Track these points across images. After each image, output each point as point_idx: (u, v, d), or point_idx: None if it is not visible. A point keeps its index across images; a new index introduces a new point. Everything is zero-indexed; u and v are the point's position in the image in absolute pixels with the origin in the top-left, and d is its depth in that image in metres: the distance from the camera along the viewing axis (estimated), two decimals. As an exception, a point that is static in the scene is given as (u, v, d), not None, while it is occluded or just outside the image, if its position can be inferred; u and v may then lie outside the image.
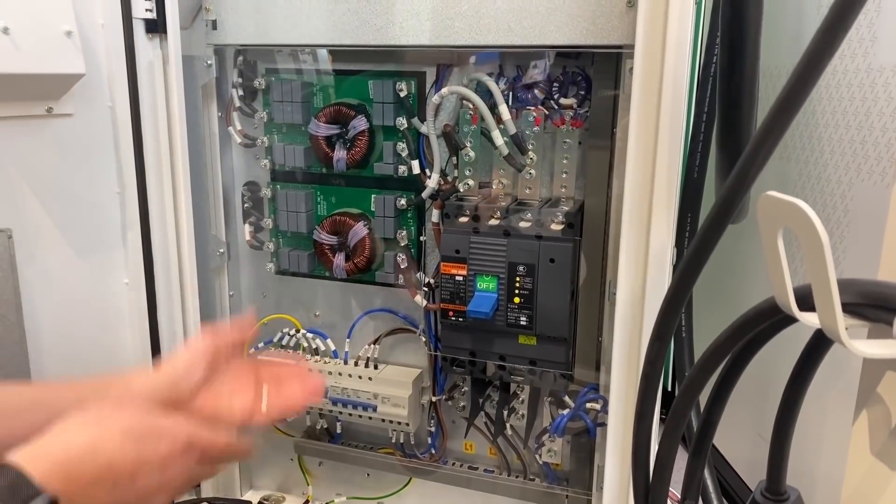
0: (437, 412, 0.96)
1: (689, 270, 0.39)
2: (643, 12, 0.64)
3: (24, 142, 0.76)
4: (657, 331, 0.43)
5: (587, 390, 0.85)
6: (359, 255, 0.92)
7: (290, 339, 1.00)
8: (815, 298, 0.32)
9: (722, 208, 0.36)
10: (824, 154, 0.75)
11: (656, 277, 0.67)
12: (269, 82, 0.91)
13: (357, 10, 0.81)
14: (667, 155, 0.65)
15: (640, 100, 0.65)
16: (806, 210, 0.30)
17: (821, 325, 0.33)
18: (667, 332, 0.43)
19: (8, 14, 0.67)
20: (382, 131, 0.88)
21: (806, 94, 0.33)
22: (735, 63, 0.54)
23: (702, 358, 0.41)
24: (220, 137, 0.95)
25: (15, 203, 0.76)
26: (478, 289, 0.82)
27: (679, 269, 0.39)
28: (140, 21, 0.82)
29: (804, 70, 0.33)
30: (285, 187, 0.95)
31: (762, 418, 0.82)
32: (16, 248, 0.75)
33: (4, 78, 0.67)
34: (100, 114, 0.83)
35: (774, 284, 0.35)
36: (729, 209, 0.36)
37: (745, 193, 0.37)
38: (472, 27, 0.77)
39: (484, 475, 0.95)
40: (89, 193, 0.84)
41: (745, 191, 0.36)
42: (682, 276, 0.39)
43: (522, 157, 0.83)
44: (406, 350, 0.96)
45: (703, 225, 0.37)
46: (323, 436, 1.03)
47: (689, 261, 0.39)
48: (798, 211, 0.31)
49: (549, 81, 0.81)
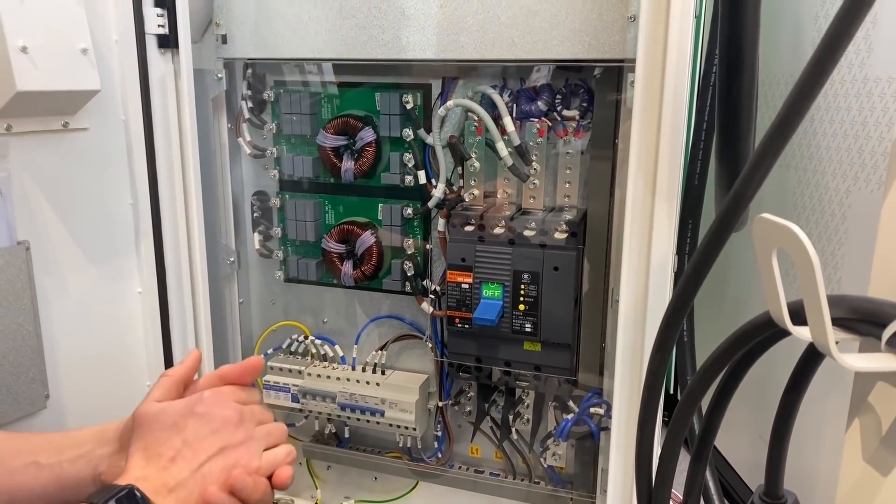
0: (443, 417, 0.97)
1: (690, 285, 0.40)
2: (644, 26, 0.65)
3: (41, 156, 0.78)
4: (659, 342, 0.45)
5: (591, 395, 0.86)
6: (366, 263, 0.93)
7: (298, 346, 1.02)
8: (807, 315, 0.34)
9: (721, 224, 0.38)
10: (822, 162, 0.76)
11: (658, 285, 0.68)
12: (278, 94, 0.93)
13: (364, 25, 0.83)
14: (668, 166, 0.66)
15: (641, 112, 0.67)
16: (798, 234, 0.32)
17: (812, 339, 0.34)
18: (668, 344, 0.44)
19: (27, 33, 0.69)
20: (389, 142, 0.90)
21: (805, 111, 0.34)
22: (733, 78, 0.55)
23: (702, 368, 0.43)
24: (229, 148, 0.97)
25: (32, 215, 0.78)
26: (483, 296, 0.84)
27: (679, 284, 0.41)
28: (153, 37, 0.83)
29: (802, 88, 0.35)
30: (294, 197, 0.96)
31: (763, 421, 0.84)
32: (33, 259, 0.77)
33: (24, 95, 0.69)
34: (114, 127, 0.85)
35: (770, 300, 0.36)
36: (728, 225, 0.37)
37: (743, 210, 0.38)
38: (477, 42, 0.79)
39: (490, 478, 0.97)
40: (104, 205, 0.86)
41: (743, 207, 0.38)
42: (682, 291, 0.41)
43: (526, 168, 0.85)
44: (412, 356, 0.98)
45: (702, 241, 0.39)
46: (331, 440, 1.05)
47: (688, 276, 0.40)
48: (791, 234, 0.32)
49: (553, 93, 0.83)
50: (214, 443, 0.54)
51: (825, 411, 0.64)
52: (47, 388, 0.81)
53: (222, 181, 0.96)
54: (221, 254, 0.98)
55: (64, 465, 0.59)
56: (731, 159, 0.59)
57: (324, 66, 0.92)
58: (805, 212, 0.79)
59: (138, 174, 0.87)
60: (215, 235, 0.96)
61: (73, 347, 0.84)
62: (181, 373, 0.62)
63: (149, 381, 0.94)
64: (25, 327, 0.77)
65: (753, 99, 0.57)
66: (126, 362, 0.92)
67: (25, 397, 0.78)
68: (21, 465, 0.58)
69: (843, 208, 0.72)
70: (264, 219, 1.00)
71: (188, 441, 0.54)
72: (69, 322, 0.83)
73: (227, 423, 0.56)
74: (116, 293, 0.89)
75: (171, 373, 0.61)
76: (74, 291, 0.84)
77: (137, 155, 0.86)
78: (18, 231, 0.76)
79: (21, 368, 0.77)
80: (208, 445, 0.54)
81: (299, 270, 0.98)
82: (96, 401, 0.87)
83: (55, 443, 0.60)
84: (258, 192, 1.00)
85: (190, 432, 0.54)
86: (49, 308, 0.80)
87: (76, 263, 0.84)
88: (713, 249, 0.38)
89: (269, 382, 1.00)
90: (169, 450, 0.53)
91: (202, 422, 0.55)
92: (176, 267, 0.90)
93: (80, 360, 0.85)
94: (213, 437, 0.55)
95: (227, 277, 1.00)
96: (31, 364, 0.78)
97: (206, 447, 0.54)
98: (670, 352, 0.46)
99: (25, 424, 0.79)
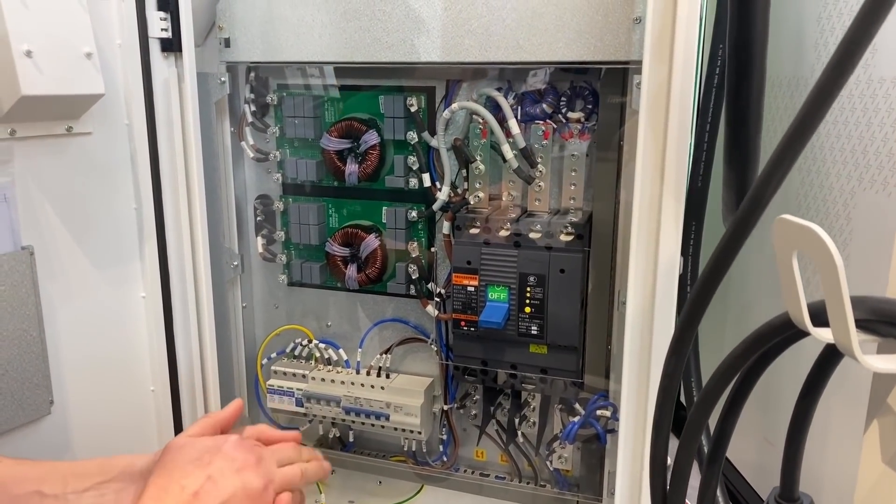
0: (448, 420, 0.97)
1: (704, 291, 0.40)
2: (650, 28, 0.65)
3: (45, 161, 0.77)
4: (674, 347, 0.45)
5: (597, 398, 0.86)
6: (370, 267, 0.93)
7: (302, 350, 1.01)
8: (830, 316, 0.34)
9: (739, 226, 0.38)
10: (826, 163, 0.76)
11: (665, 287, 0.68)
12: (281, 98, 0.93)
13: (368, 28, 0.83)
14: (675, 168, 0.66)
15: (647, 114, 0.67)
16: (822, 235, 0.32)
17: (835, 341, 0.34)
18: (683, 348, 0.44)
19: (31, 38, 0.68)
20: (393, 145, 0.90)
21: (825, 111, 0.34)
22: (742, 79, 0.55)
23: (717, 371, 0.43)
24: (232, 152, 0.96)
25: (37, 220, 0.77)
26: (489, 299, 0.84)
27: (694, 290, 0.41)
28: (156, 40, 0.83)
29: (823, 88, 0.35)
30: (297, 200, 0.96)
31: (769, 423, 0.84)
32: (37, 264, 0.77)
33: (28, 100, 0.69)
34: (117, 132, 0.84)
35: (789, 302, 0.36)
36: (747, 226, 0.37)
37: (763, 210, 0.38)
38: (482, 44, 0.79)
39: (495, 482, 0.97)
40: (107, 209, 0.85)
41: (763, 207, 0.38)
42: (697, 296, 0.41)
43: (532, 170, 0.85)
44: (417, 359, 0.98)
45: (720, 242, 0.39)
46: (335, 444, 1.05)
47: (703, 282, 0.40)
48: (814, 235, 0.32)
49: (557, 96, 0.83)
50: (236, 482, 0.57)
51: (830, 413, 0.64)
52: (51, 394, 0.80)
53: (225, 185, 0.96)
54: (225, 258, 0.97)
55: (69, 497, 0.59)
56: (740, 161, 0.59)
57: (327, 69, 0.92)
58: (809, 213, 0.80)
59: (142, 178, 0.87)
60: (218, 239, 0.95)
61: (76, 353, 0.84)
62: (223, 417, 0.67)
63: (153, 387, 0.94)
64: (29, 333, 0.77)
65: (762, 101, 0.57)
66: (130, 367, 0.91)
67: (30, 403, 0.78)
68: (24, 494, 0.59)
69: (847, 209, 0.72)
70: (268, 222, 0.99)
71: (213, 477, 0.56)
72: (73, 327, 0.83)
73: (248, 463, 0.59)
74: (120, 298, 0.89)
75: (213, 415, 0.67)
76: (78, 296, 0.83)
77: (141, 159, 0.86)
78: (23, 236, 0.75)
79: (25, 374, 0.77)
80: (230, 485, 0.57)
81: (303, 274, 0.97)
82: (100, 407, 0.87)
83: (60, 472, 0.62)
84: (261, 195, 0.99)
85: (215, 469, 0.57)
86: (53, 313, 0.80)
87: (80, 268, 0.83)
88: (731, 251, 0.38)
89: (272, 387, 0.99)
90: (193, 483, 0.55)
91: (227, 460, 0.58)
92: (179, 271, 0.90)
93: (84, 365, 0.85)
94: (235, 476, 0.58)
95: (231, 281, 1.00)
96: (35, 370, 0.78)
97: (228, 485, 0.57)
98: (686, 356, 0.46)
99: (29, 430, 0.79)
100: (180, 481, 0.56)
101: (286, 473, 0.64)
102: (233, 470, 0.58)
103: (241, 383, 1.03)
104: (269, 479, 0.61)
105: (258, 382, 1.03)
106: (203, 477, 0.56)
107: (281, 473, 0.63)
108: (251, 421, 1.05)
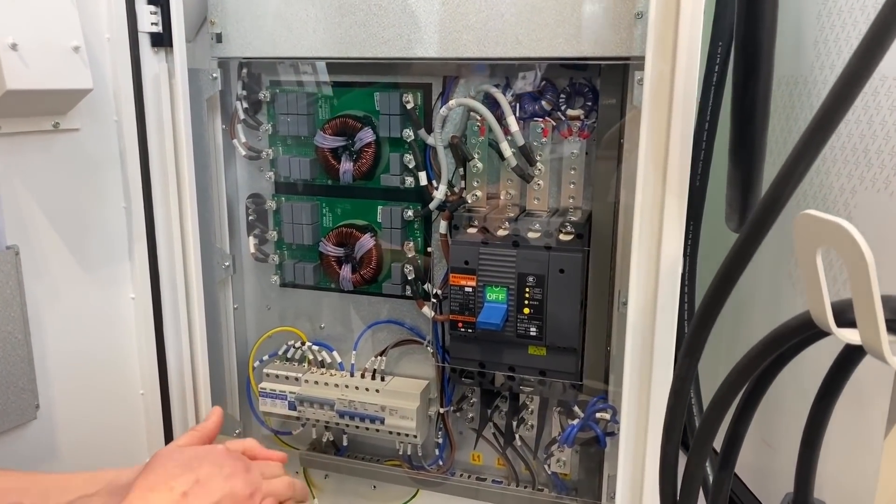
0: (444, 423, 0.96)
1: (720, 291, 0.39)
2: (653, 23, 0.64)
3: (31, 157, 0.75)
4: (687, 348, 0.44)
5: (596, 400, 0.85)
6: (365, 267, 0.92)
7: (295, 352, 0.99)
8: (857, 316, 0.32)
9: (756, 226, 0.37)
10: (826, 162, 0.76)
11: (668, 287, 0.67)
12: (274, 94, 0.91)
13: (364, 23, 0.81)
14: (678, 167, 0.65)
15: (650, 112, 0.65)
16: (851, 231, 0.31)
17: (862, 342, 0.33)
18: (697, 349, 0.43)
19: (16, 30, 0.66)
20: (389, 143, 0.88)
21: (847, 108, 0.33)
22: (750, 78, 0.54)
23: (732, 372, 0.42)
24: (224, 150, 0.94)
25: (22, 219, 0.75)
26: (487, 300, 0.83)
27: (709, 290, 0.40)
28: (146, 35, 0.81)
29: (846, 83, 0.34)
30: (290, 199, 0.94)
31: (766, 424, 0.83)
32: (22, 264, 0.74)
33: (13, 94, 0.67)
34: (106, 128, 0.82)
35: (812, 302, 0.35)
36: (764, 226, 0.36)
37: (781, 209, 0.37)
38: (481, 39, 0.77)
39: (492, 486, 0.95)
40: (96, 208, 0.83)
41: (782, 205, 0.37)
42: (713, 295, 0.40)
43: (530, 168, 0.83)
44: (412, 361, 0.96)
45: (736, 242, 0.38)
46: (329, 448, 1.03)
47: (719, 281, 0.39)
48: (843, 231, 0.31)
49: (556, 93, 0.82)
50: (224, 487, 0.58)
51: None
52: (37, 399, 0.78)
53: (217, 183, 0.94)
54: (216, 258, 0.95)
55: None
56: (745, 159, 0.58)
57: (321, 65, 0.90)
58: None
59: (131, 176, 0.85)
60: (210, 239, 0.93)
61: (64, 356, 0.81)
62: (209, 428, 0.69)
63: (142, 390, 0.91)
64: (15, 335, 0.74)
65: (769, 99, 0.56)
66: (119, 371, 0.89)
67: (15, 408, 0.75)
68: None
69: (848, 208, 0.71)
70: (260, 222, 0.98)
71: (201, 481, 0.57)
72: (60, 329, 0.81)
73: (237, 470, 0.60)
74: (109, 299, 0.86)
75: (199, 428, 0.69)
76: (65, 297, 0.81)
77: (130, 157, 0.84)
78: (7, 235, 0.73)
79: (10, 378, 0.74)
80: (219, 489, 0.58)
81: (296, 275, 0.95)
82: (88, 411, 0.85)
83: (43, 485, 0.61)
84: (253, 194, 0.97)
85: (204, 473, 0.58)
86: (39, 315, 0.78)
87: (67, 269, 0.81)
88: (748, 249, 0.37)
89: (265, 390, 0.97)
90: (182, 484, 0.56)
91: (215, 466, 0.59)
92: (170, 272, 0.88)
93: (72, 368, 0.83)
94: (224, 481, 0.59)
95: (222, 282, 0.98)
96: (20, 374, 0.75)
97: (217, 489, 0.57)
98: (699, 358, 0.45)
99: (15, 436, 0.76)
100: (169, 482, 0.56)
101: (273, 483, 0.65)
102: (221, 475, 0.59)
103: (232, 387, 1.01)
104: (256, 486, 0.61)
105: (250, 385, 1.01)
106: (192, 479, 0.57)
107: (268, 483, 0.64)
108: (243, 425, 1.03)
